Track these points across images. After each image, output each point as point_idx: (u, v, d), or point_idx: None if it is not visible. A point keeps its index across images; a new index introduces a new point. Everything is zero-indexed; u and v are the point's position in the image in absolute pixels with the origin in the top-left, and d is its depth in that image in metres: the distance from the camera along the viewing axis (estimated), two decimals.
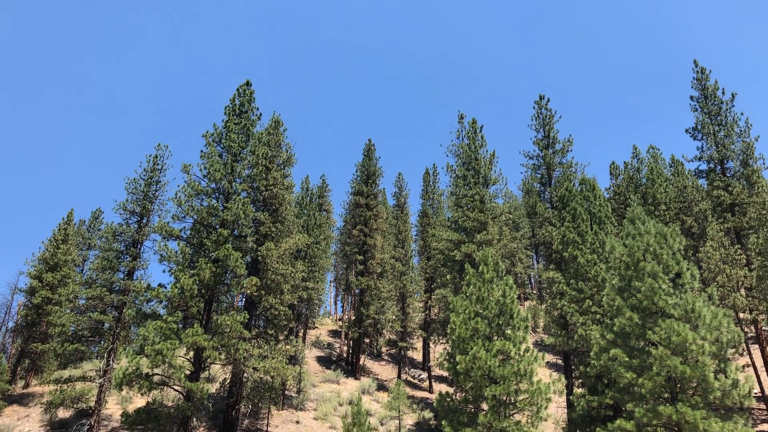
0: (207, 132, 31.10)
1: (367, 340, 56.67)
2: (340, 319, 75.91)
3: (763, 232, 38.18)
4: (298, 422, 35.11)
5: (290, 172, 37.48)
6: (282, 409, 36.72)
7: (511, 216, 71.54)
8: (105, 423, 32.20)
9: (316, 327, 70.51)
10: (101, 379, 30.40)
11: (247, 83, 33.65)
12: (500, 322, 22.86)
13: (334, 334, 68.48)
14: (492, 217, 39.59)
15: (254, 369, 28.81)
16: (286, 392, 39.38)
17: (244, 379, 30.69)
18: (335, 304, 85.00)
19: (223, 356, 28.07)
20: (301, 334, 50.28)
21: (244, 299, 35.17)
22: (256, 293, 30.52)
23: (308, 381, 41.54)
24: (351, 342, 52.31)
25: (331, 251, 62.90)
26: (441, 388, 47.05)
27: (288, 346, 32.34)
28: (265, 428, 33.23)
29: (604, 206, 33.80)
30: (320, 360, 52.35)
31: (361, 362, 50.75)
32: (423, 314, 54.00)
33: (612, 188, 64.32)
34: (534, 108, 43.67)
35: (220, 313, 29.05)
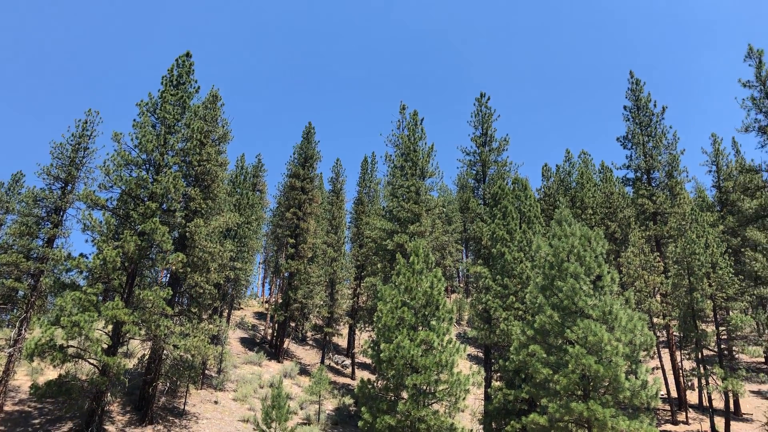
0: (141, 101, 29.99)
1: (292, 324, 56.35)
2: (266, 302, 75.18)
3: (682, 241, 39.89)
4: (216, 402, 34.63)
5: (225, 148, 36.71)
6: (201, 389, 36.14)
7: (444, 209, 72.52)
8: (12, 394, 30.88)
9: (242, 308, 69.66)
10: (11, 349, 29.11)
11: (187, 54, 32.68)
12: (426, 313, 23.14)
13: (260, 316, 67.83)
14: (426, 209, 39.97)
15: (175, 346, 28.19)
16: (207, 372, 38.75)
17: (164, 356, 29.99)
18: (263, 286, 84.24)
19: (143, 332, 27.31)
20: (225, 314, 49.51)
21: (168, 275, 34.30)
22: (181, 270, 29.84)
23: (230, 362, 41.00)
24: (276, 325, 51.91)
25: (263, 232, 62.20)
26: (364, 375, 47.35)
27: (211, 326, 31.75)
28: (182, 407, 32.62)
29: (534, 206, 34.62)
30: (243, 341, 51.77)
31: (285, 346, 50.46)
32: (351, 301, 54.09)
33: (543, 189, 65.99)
34: (474, 105, 44.24)
35: (143, 288, 28.21)
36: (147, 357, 30.92)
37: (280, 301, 53.59)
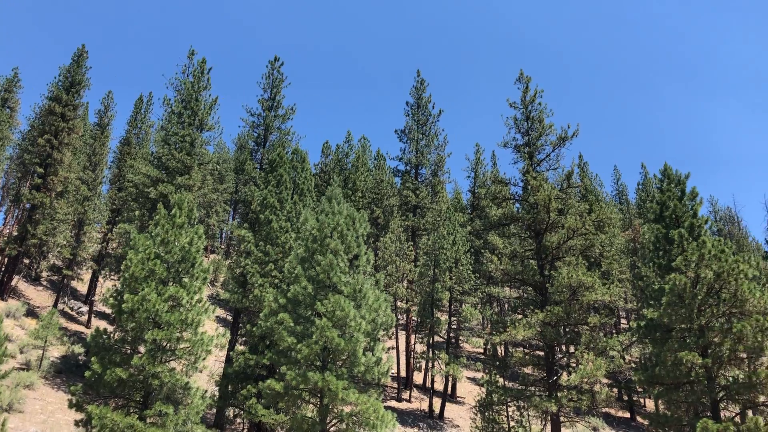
0: None
1: (26, 261, 50.84)
2: None
3: (434, 236, 43.14)
4: None
5: None
6: None
7: (218, 167, 70.51)
8: None
9: None
10: None
11: None
12: (180, 269, 22.24)
13: None
14: (199, 162, 38.45)
15: None
16: None
17: None
18: None
19: None
20: None
21: None
22: None
23: None
24: (6, 259, 46.42)
25: (6, 155, 55.06)
26: (101, 324, 44.34)
27: None
28: None
29: (309, 180, 35.07)
30: None
31: (13, 283, 45.34)
32: (100, 246, 50.26)
33: (320, 165, 67.15)
34: (267, 68, 43.55)
35: None
36: None
37: (15, 233, 47.96)
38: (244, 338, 30.00)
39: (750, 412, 21.84)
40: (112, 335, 22.08)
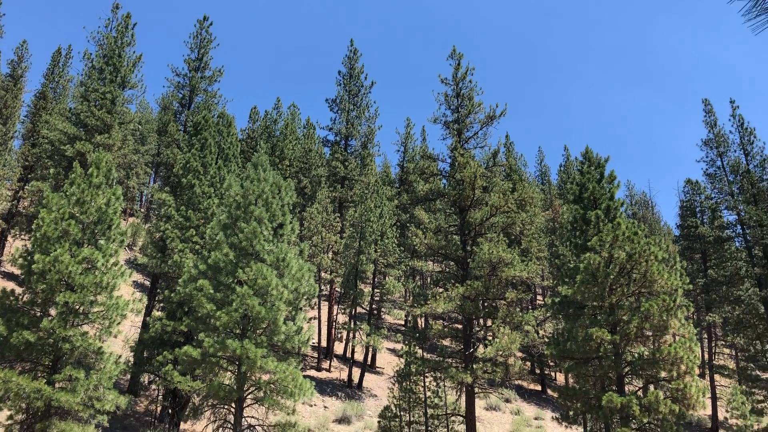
0: None
1: None
2: None
3: (361, 208, 43.19)
4: None
5: None
6: None
7: (140, 127, 67.93)
8: None
9: None
10: None
11: None
12: (96, 231, 21.42)
13: None
14: (120, 122, 36.90)
15: None
16: None
17: None
18: None
19: None
20: None
21: None
22: None
23: None
24: None
25: None
26: (8, 285, 42.31)
27: None
28: None
29: (235, 145, 34.29)
30: None
31: None
32: (10, 204, 47.74)
33: (248, 131, 65.84)
34: (195, 27, 42.05)
35: None
36: None
37: None
38: (161, 304, 29.29)
39: (652, 387, 23.10)
40: (20, 297, 21.12)
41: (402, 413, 28.62)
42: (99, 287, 19.27)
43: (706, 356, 52.57)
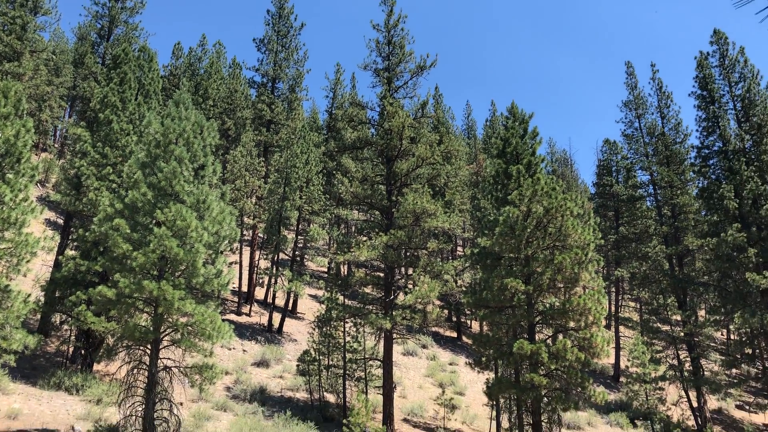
0: None
1: None
2: None
3: (287, 153, 42.63)
4: None
5: None
6: None
7: (54, 57, 64.09)
8: None
9: None
10: None
11: None
12: (3, 164, 20.27)
13: None
14: (32, 50, 34.77)
15: None
16: None
17: None
18: None
19: None
20: None
21: None
22: None
23: None
24: None
25: None
26: None
27: None
28: None
29: (157, 81, 32.92)
30: None
31: None
32: None
33: (170, 68, 63.25)
34: None
35: None
36: None
37: None
38: (75, 243, 28.25)
39: (561, 336, 24.29)
40: None
41: (321, 357, 29.05)
42: (6, 223, 18.37)
43: (613, 308, 55.63)
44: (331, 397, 29.64)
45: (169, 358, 19.73)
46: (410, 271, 32.92)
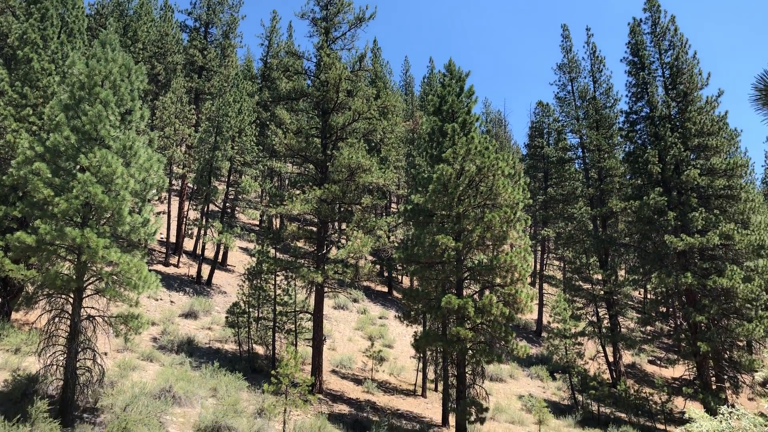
0: None
1: None
2: None
3: (219, 101, 41.45)
4: None
5: None
6: None
7: None
8: None
9: None
10: None
11: None
12: None
13: None
14: None
15: None
16: None
17: None
18: None
19: None
20: None
21: None
22: None
23: None
24: None
25: None
26: None
27: None
28: None
29: (82, 20, 31.16)
30: None
31: None
32: None
33: (97, 6, 59.89)
34: None
35: None
36: None
37: None
38: None
39: (487, 291, 24.95)
40: None
41: (251, 309, 28.91)
42: None
43: (538, 266, 57.49)
44: (260, 349, 29.66)
45: (93, 307, 19.20)
46: (343, 226, 32.92)
